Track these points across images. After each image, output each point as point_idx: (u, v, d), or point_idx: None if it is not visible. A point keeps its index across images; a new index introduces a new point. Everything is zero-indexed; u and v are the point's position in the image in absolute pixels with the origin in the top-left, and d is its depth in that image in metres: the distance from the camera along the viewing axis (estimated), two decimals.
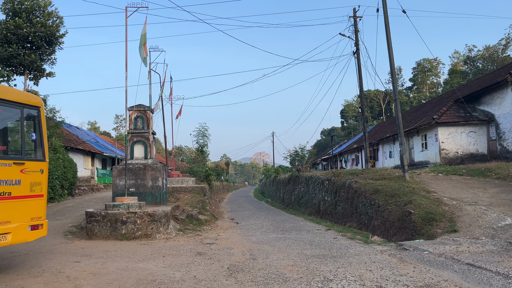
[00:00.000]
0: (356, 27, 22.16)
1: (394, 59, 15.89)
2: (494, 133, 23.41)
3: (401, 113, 16.19)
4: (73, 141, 28.98)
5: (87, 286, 5.82)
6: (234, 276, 6.34)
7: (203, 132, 34.61)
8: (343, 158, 46.88)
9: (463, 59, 61.12)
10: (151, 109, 14.75)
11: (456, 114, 25.09)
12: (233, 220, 16.48)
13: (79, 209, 15.48)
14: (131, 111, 14.10)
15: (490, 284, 5.44)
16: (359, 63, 21.81)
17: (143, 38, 13.14)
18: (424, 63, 69.83)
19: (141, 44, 13.15)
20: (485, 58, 54.37)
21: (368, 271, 6.42)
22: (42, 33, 22.28)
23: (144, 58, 13.29)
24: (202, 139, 34.58)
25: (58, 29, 23.44)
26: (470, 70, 56.29)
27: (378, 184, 14.26)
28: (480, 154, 24.13)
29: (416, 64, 71.11)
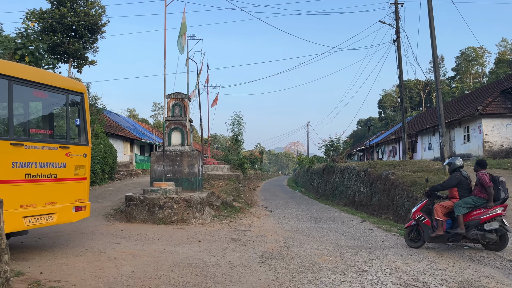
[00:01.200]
0: (397, 14, 21.43)
1: (437, 48, 15.28)
2: None
3: (442, 104, 15.60)
4: (113, 128, 29.93)
5: (126, 267, 6.04)
6: (268, 263, 6.39)
7: (238, 121, 34.81)
8: (380, 149, 45.90)
9: (511, 47, 57.93)
10: (188, 97, 14.97)
11: (502, 105, 23.89)
12: (267, 208, 16.58)
13: (118, 193, 16.04)
14: (169, 98, 14.36)
15: None
16: (399, 52, 21.13)
17: (184, 27, 13.28)
18: (469, 51, 66.73)
19: (181, 33, 13.29)
20: None
21: (405, 264, 6.30)
22: (85, 22, 22.99)
23: (182, 47, 13.44)
24: (237, 127, 34.81)
25: (100, 18, 24.09)
26: None
27: (416, 176, 13.87)
28: None
29: (460, 53, 68.10)
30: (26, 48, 12.40)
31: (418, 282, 5.30)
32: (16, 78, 6.19)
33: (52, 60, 17.71)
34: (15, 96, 6.26)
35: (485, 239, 7.14)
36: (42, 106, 7.36)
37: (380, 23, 22.01)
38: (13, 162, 6.00)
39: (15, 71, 6.23)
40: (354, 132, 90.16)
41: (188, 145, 14.28)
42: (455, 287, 5.11)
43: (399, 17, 21.30)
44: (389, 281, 5.38)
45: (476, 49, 65.91)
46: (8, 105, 6.15)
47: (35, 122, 7.49)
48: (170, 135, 14.29)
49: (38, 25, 21.80)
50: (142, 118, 71.70)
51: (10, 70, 6.16)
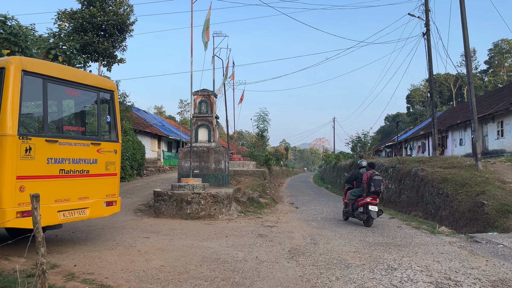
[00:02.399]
0: (426, 6, 20.85)
1: (469, 40, 14.78)
2: None
3: (474, 98, 15.10)
4: (141, 124, 30.51)
5: (156, 261, 6.17)
6: (295, 259, 6.39)
7: (263, 117, 34.87)
8: (408, 145, 44.94)
9: None
10: (215, 93, 15.08)
11: None
12: (293, 204, 16.54)
13: (147, 188, 16.36)
14: (195, 95, 14.51)
15: None
16: (429, 45, 20.56)
17: (207, 23, 13.38)
18: (502, 44, 64.25)
19: (204, 29, 13.40)
20: None
21: (436, 262, 6.16)
22: (114, 21, 23.48)
23: (206, 42, 13.54)
24: (262, 124, 34.88)
25: (128, 17, 24.55)
26: None
27: (447, 173, 13.51)
28: None
29: (493, 45, 65.65)
30: (59, 47, 12.79)
31: (450, 281, 5.18)
32: (50, 77, 6.40)
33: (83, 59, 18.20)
34: (49, 94, 6.48)
35: (360, 218, 10.25)
36: (74, 104, 7.59)
37: (409, 16, 21.50)
38: (48, 158, 6.22)
39: (49, 70, 6.44)
40: (382, 128, 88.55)
41: (215, 142, 14.40)
42: (489, 286, 4.97)
43: (429, 9, 20.74)
44: (419, 279, 5.28)
45: (510, 41, 63.39)
46: (43, 103, 6.37)
47: (68, 120, 7.72)
48: (197, 131, 14.44)
49: (69, 25, 22.42)
50: (169, 115, 72.73)
51: (44, 69, 6.37)
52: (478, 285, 5.00)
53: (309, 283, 5.16)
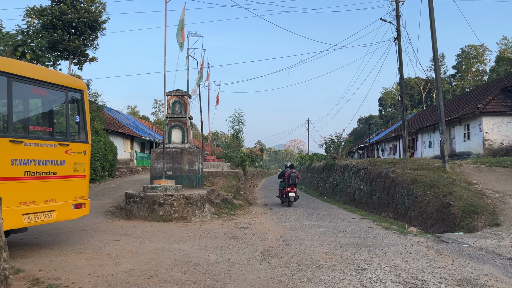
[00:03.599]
0: (397, 12, 21.38)
1: (437, 45, 15.24)
2: None
3: (442, 102, 15.57)
4: (114, 125, 29.93)
5: (126, 264, 6.05)
6: (268, 261, 6.40)
7: (239, 118, 34.85)
8: (380, 147, 45.89)
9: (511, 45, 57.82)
10: (189, 94, 14.96)
11: (503, 103, 23.86)
12: (267, 206, 16.58)
13: (118, 190, 16.05)
14: (169, 96, 14.35)
15: None
16: (400, 49, 21.09)
17: (181, 24, 13.26)
18: (469, 49, 66.60)
19: (179, 29, 13.28)
20: None
21: (404, 262, 6.30)
22: (85, 19, 22.93)
23: (181, 43, 13.43)
24: (237, 125, 34.85)
25: (100, 15, 24.03)
26: None
27: (417, 174, 13.87)
28: None
29: (461, 51, 67.96)
30: (27, 45, 12.39)
31: (417, 280, 5.30)
32: (15, 75, 6.18)
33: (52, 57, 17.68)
34: (15, 93, 6.26)
35: (285, 201, 16.10)
36: (41, 103, 7.36)
37: (381, 21, 21.98)
38: (12, 159, 6.01)
39: (14, 68, 6.22)
40: (355, 129, 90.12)
41: (188, 143, 14.28)
42: (454, 285, 5.12)
43: (400, 14, 21.26)
44: (388, 279, 5.38)
45: (477, 47, 65.79)
46: (7, 102, 6.15)
47: (35, 119, 7.48)
48: (170, 132, 14.28)
49: (38, 22, 21.77)
50: (143, 116, 71.71)
51: (9, 67, 6.15)
52: (444, 284, 5.14)
53: (280, 284, 5.18)
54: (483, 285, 5.08)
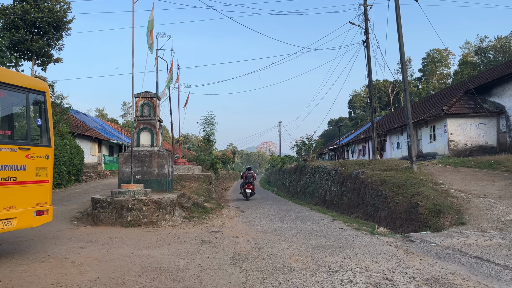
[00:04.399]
0: (366, 16, 21.80)
1: (404, 49, 15.62)
2: (504, 125, 23.08)
3: (410, 104, 15.96)
4: (80, 128, 29.09)
5: (91, 272, 5.82)
6: (239, 265, 6.31)
7: (210, 121, 34.57)
8: (350, 148, 46.67)
9: (474, 49, 60.22)
10: (158, 96, 14.68)
11: (466, 105, 24.75)
12: (239, 208, 16.49)
13: (85, 195, 15.55)
14: (137, 98, 14.04)
15: (498, 278, 5.35)
16: (369, 53, 21.50)
17: (150, 24, 13.00)
18: (434, 53, 68.90)
19: (148, 30, 13.01)
20: (496, 49, 53.51)
21: (374, 263, 6.35)
22: (49, 19, 22.18)
23: (151, 44, 13.16)
24: (208, 127, 34.56)
25: (65, 14, 23.33)
26: (481, 61, 55.47)
27: (385, 175, 14.14)
28: (489, 146, 23.85)
29: (426, 55, 70.21)
30: None
31: (387, 281, 5.34)
32: None
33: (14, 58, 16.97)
34: None
35: (244, 195, 20.82)
36: (0, 106, 6.99)
37: (350, 24, 22.36)
38: None
39: None
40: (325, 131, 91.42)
41: (158, 146, 14.00)
42: (423, 284, 5.18)
43: (368, 18, 21.69)
44: (359, 280, 5.40)
45: (441, 51, 68.14)
46: None
47: None
48: (139, 135, 13.97)
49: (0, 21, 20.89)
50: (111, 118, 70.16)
51: None
52: (413, 284, 5.20)
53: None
54: (451, 284, 5.17)
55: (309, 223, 11.76)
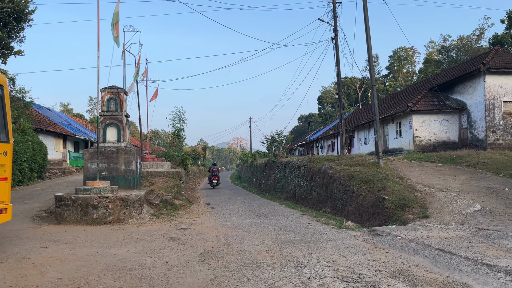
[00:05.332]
0: (335, 13, 22.06)
1: (372, 47, 15.91)
2: (466, 121, 23.97)
3: (377, 101, 16.28)
4: (44, 123, 28.05)
5: (53, 273, 5.61)
6: (207, 262, 6.25)
7: (180, 116, 34.05)
8: (320, 144, 47.28)
9: (438, 48, 62.15)
10: (125, 90, 14.33)
11: (430, 102, 25.52)
12: (209, 205, 16.38)
13: (48, 192, 15.02)
14: (103, 92, 13.65)
15: (459, 269, 5.54)
16: (337, 50, 21.78)
17: (116, 17, 12.63)
18: (401, 51, 70.66)
19: (113, 22, 12.63)
20: (459, 48, 55.45)
21: (342, 257, 6.44)
22: (10, 9, 21.20)
23: (116, 37, 12.79)
24: (178, 123, 34.04)
25: (27, 5, 22.29)
26: (444, 60, 57.35)
27: (353, 170, 14.39)
28: (451, 142, 24.72)
29: (393, 53, 71.89)
30: None
31: (354, 274, 5.42)
32: None
33: None
34: None
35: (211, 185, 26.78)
36: None
37: (320, 21, 22.56)
38: None
39: None
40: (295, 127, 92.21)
41: (125, 141, 13.68)
42: (388, 277, 5.29)
43: (337, 15, 21.94)
44: (326, 274, 5.46)
45: (407, 49, 69.96)
46: None
47: None
48: (105, 131, 13.59)
49: None
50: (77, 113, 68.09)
51: None
52: (379, 277, 5.30)
53: (220, 286, 5.05)
54: (414, 276, 5.31)
55: (279, 218, 11.82)
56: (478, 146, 21.96)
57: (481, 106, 22.39)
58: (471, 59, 29.93)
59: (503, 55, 24.21)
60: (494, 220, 8.91)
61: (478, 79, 22.70)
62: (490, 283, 4.93)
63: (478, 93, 22.72)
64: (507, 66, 22.19)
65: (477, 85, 22.79)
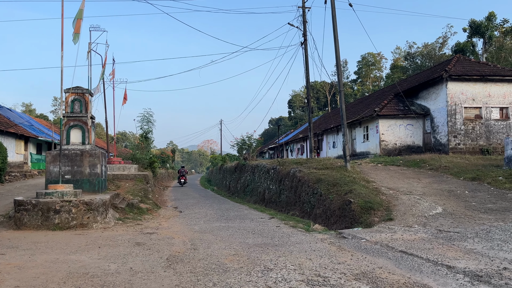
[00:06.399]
0: (304, 18, 22.34)
1: (340, 52, 16.20)
2: (429, 126, 24.79)
3: (345, 105, 16.59)
4: (4, 124, 26.95)
5: (10, 281, 5.37)
6: (173, 267, 6.15)
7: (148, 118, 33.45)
8: (289, 147, 47.68)
9: (404, 55, 64.10)
10: (90, 91, 13.95)
11: (396, 107, 26.25)
12: (177, 208, 16.17)
13: (8, 196, 14.40)
14: (67, 93, 13.24)
15: (420, 271, 5.69)
16: (307, 54, 22.06)
17: (80, 13, 12.27)
18: (369, 57, 72.45)
19: (76, 17, 12.24)
20: (423, 55, 57.40)
21: (308, 260, 6.49)
22: None
23: (76, 34, 12.40)
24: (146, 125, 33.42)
25: None
26: (410, 66, 59.23)
27: (321, 174, 14.57)
28: (416, 146, 25.49)
29: (361, 58, 73.66)
30: None
31: (319, 277, 5.47)
32: None
33: None
34: None
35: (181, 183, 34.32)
36: None
37: (289, 26, 22.78)
38: None
39: None
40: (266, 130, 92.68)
41: (90, 144, 13.31)
42: (352, 279, 5.37)
43: (306, 20, 22.23)
44: (292, 278, 5.48)
45: (375, 55, 71.84)
46: None
47: None
48: (69, 133, 13.18)
49: None
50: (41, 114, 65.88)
51: None
52: (343, 279, 5.37)
53: None
54: (378, 278, 5.41)
55: (247, 221, 11.80)
56: (441, 150, 22.75)
57: (443, 111, 23.22)
58: (435, 66, 31.03)
59: (464, 62, 25.25)
60: (454, 222, 9.23)
61: (441, 86, 23.54)
62: (449, 284, 5.09)
63: (440, 99, 23.56)
64: (468, 74, 23.15)
65: (440, 91, 23.64)
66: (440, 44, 56.22)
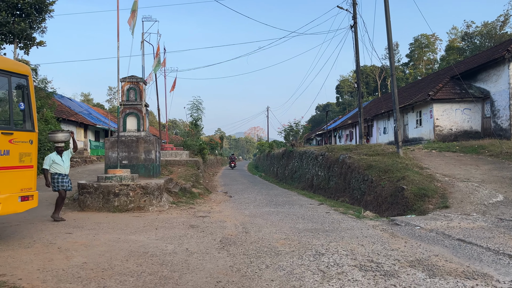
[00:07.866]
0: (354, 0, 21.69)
1: (392, 34, 15.61)
2: (489, 110, 23.40)
3: (396, 89, 16.04)
4: (65, 113, 28.64)
5: (78, 258, 5.79)
6: (226, 249, 6.34)
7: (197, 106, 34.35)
8: (337, 133, 46.92)
9: (461, 35, 60.55)
10: (144, 80, 14.49)
11: (452, 90, 24.98)
12: (227, 193, 16.53)
13: (72, 180, 15.37)
14: (123, 82, 13.84)
15: (480, 260, 5.49)
16: (356, 37, 21.45)
17: (134, 6, 12.73)
18: (422, 39, 69.08)
19: (132, 9, 12.72)
20: (483, 34, 53.89)
21: (360, 246, 6.44)
22: (32, 0, 21.59)
23: (133, 26, 12.88)
24: (196, 112, 34.36)
25: None
26: (467, 47, 55.88)
27: (372, 160, 14.27)
28: (474, 131, 24.20)
29: (414, 40, 70.34)
30: None
31: (373, 263, 5.43)
32: None
33: None
34: None
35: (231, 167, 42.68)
36: None
37: (338, 9, 22.22)
38: None
39: None
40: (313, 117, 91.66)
41: (144, 131, 13.88)
42: (407, 266, 5.29)
43: (356, 2, 21.57)
44: (345, 263, 5.48)
45: (429, 36, 68.33)
46: None
47: None
48: (125, 120, 13.81)
49: None
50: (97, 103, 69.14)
51: None
52: (398, 266, 5.30)
53: (239, 272, 5.14)
54: (434, 265, 5.28)
55: (296, 207, 11.86)
56: (502, 135, 21.44)
57: (505, 94, 21.80)
58: (495, 46, 29.08)
59: None
60: None
61: (502, 67, 22.07)
62: (511, 274, 4.88)
63: (502, 81, 22.11)
64: None
65: (501, 72, 22.17)
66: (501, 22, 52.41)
